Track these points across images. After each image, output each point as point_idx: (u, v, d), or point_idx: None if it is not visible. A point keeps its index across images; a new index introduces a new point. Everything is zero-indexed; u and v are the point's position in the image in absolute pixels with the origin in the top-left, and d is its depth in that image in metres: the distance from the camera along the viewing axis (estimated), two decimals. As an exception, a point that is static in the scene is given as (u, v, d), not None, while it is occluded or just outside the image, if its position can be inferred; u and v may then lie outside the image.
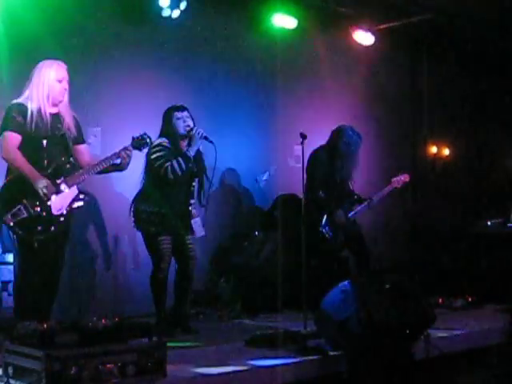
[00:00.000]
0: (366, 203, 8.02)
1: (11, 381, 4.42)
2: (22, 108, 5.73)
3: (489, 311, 7.97)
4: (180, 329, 6.61)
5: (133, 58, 7.79)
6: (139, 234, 6.73)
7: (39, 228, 5.64)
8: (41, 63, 5.89)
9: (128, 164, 5.96)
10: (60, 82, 5.84)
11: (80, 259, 7.47)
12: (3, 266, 6.58)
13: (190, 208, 6.75)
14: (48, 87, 5.80)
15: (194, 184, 6.78)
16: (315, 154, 7.86)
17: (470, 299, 8.34)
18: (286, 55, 8.91)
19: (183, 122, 6.64)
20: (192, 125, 6.64)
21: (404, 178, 8.26)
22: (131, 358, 4.46)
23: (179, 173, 6.45)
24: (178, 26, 7.97)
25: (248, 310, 7.74)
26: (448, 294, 8.44)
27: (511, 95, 10.72)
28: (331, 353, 5.54)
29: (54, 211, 5.68)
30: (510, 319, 6.68)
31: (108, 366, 4.35)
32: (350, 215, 7.98)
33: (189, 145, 6.65)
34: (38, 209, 5.62)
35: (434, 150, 10.83)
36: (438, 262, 9.43)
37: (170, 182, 6.52)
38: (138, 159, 6.45)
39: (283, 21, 8.82)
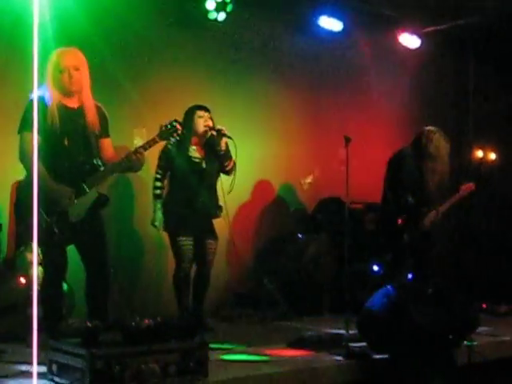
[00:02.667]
0: (433, 214, 7.58)
1: (55, 378, 4.46)
2: (41, 104, 5.30)
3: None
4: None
5: (179, 59, 7.85)
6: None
7: (56, 238, 5.41)
8: (54, 52, 5.53)
9: (141, 165, 5.65)
10: (75, 69, 5.46)
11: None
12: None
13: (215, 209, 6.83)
14: (60, 77, 5.45)
15: (211, 182, 6.82)
16: (400, 156, 7.51)
17: (513, 305, 8.27)
18: (331, 58, 8.92)
19: (204, 121, 6.71)
20: (211, 125, 6.71)
21: (469, 186, 7.90)
22: (173, 358, 4.47)
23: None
24: (223, 29, 8.01)
25: (291, 312, 7.74)
26: (492, 299, 8.36)
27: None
28: (374, 356, 5.54)
29: (72, 218, 5.45)
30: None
31: (150, 365, 4.37)
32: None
33: (210, 145, 6.73)
34: (55, 218, 5.39)
35: (480, 154, 10.72)
36: (483, 267, 9.34)
37: (181, 183, 6.67)
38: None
39: (329, 23, 8.81)
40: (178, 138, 5.81)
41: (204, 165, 6.76)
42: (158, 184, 6.74)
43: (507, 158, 10.81)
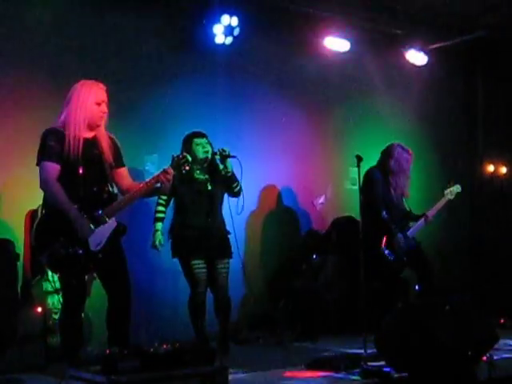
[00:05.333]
0: (422, 220, 7.83)
1: (75, 407, 4.48)
2: (58, 134, 5.40)
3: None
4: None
5: (187, 83, 7.87)
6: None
7: (77, 267, 5.38)
8: (79, 84, 5.57)
9: (169, 187, 5.68)
10: (99, 105, 5.51)
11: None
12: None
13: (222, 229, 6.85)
14: (85, 111, 5.46)
15: (217, 203, 6.86)
16: (370, 174, 7.75)
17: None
18: (339, 78, 8.95)
19: (202, 147, 6.77)
20: (211, 150, 6.78)
21: (456, 188, 8.11)
22: (193, 383, 4.47)
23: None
24: (230, 52, 8.05)
25: (307, 333, 7.70)
26: (510, 314, 8.32)
27: None
28: (393, 375, 5.51)
29: (93, 247, 5.38)
30: None
31: (170, 391, 4.38)
32: (408, 233, 7.81)
33: (214, 168, 6.82)
34: (76, 247, 5.34)
35: (491, 168, 10.70)
36: (501, 281, 9.30)
37: (188, 207, 6.74)
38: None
39: (335, 44, 8.83)
40: (187, 169, 5.82)
41: (210, 187, 6.82)
42: (161, 208, 6.83)
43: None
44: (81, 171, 5.44)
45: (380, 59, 9.34)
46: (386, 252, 7.56)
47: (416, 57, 9.55)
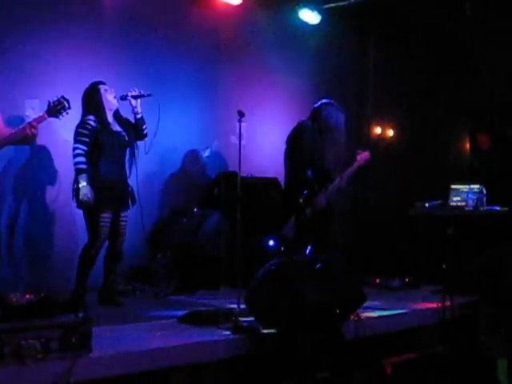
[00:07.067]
0: (336, 183, 7.73)
1: None
2: None
3: (424, 292, 8.04)
4: (108, 303, 6.73)
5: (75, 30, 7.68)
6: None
7: None
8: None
9: (35, 138, 5.74)
10: None
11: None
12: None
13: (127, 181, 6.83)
14: None
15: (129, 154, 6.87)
16: (299, 129, 7.63)
17: (407, 280, 8.41)
18: (229, 32, 8.87)
19: (110, 93, 6.70)
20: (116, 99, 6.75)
21: (366, 155, 7.99)
22: (55, 334, 4.39)
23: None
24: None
25: (185, 287, 7.70)
26: (386, 274, 8.50)
27: (455, 77, 10.82)
28: (263, 331, 5.55)
29: None
30: (443, 300, 6.73)
31: (31, 341, 4.29)
32: (327, 195, 7.70)
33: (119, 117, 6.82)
34: None
35: (378, 130, 10.86)
36: (378, 242, 9.50)
37: (103, 156, 6.60)
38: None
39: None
40: (64, 115, 5.69)
41: (127, 137, 6.78)
42: (83, 159, 6.54)
43: (404, 135, 10.99)
44: None
45: (273, 16, 9.31)
46: (307, 210, 7.50)
47: (310, 15, 9.57)
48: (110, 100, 6.73)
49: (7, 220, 7.30)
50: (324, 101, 7.83)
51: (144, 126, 6.92)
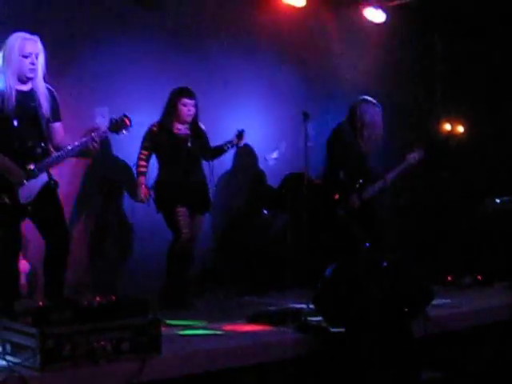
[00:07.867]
0: (380, 183, 7.73)
1: (8, 357, 4.47)
2: None
3: (498, 288, 7.95)
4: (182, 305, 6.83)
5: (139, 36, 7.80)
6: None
7: (4, 218, 5.44)
8: (11, 36, 5.55)
9: (96, 153, 5.77)
10: (26, 57, 5.47)
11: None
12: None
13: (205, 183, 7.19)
14: (13, 63, 5.47)
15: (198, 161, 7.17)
16: (337, 131, 7.74)
17: (479, 277, 8.32)
18: (295, 34, 8.89)
19: (188, 110, 6.97)
20: (194, 112, 6.98)
21: (419, 153, 7.89)
22: (125, 335, 4.49)
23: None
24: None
25: (256, 287, 7.77)
26: (458, 271, 8.42)
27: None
28: (331, 330, 5.57)
29: (22, 200, 5.47)
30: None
31: (102, 343, 4.39)
32: (366, 195, 7.71)
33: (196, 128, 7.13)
34: (5, 198, 5.42)
35: (447, 127, 10.73)
36: (448, 239, 9.39)
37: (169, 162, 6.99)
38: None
39: (291, -1, 8.74)
40: (124, 133, 5.87)
41: (189, 143, 7.02)
42: (143, 163, 6.99)
43: (475, 132, 10.82)
44: (15, 124, 5.46)
45: (337, 16, 9.31)
46: (340, 211, 7.55)
47: (374, 14, 9.53)
48: (184, 114, 6.98)
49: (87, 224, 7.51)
50: (360, 98, 7.86)
51: (219, 156, 7.30)
